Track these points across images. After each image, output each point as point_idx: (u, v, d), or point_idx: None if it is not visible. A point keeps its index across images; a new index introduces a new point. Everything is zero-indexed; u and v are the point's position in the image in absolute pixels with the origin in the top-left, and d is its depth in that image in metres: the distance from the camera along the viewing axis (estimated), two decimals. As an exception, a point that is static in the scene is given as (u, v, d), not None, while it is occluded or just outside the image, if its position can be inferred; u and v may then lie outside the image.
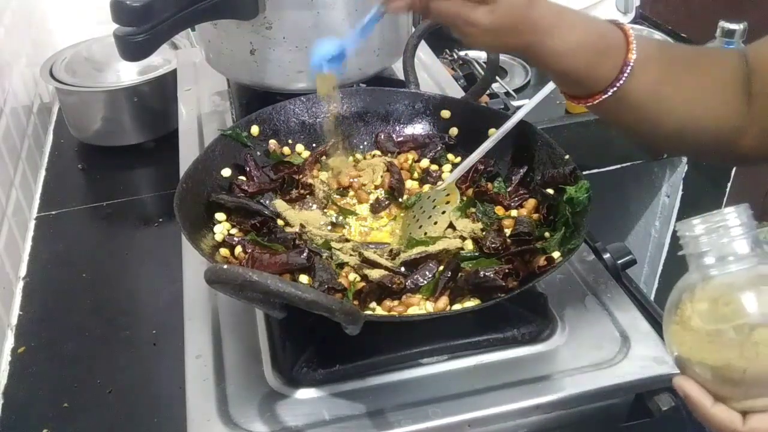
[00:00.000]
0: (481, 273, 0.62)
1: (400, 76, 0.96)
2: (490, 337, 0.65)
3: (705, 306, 0.47)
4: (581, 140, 1.34)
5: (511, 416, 0.61)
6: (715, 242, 0.47)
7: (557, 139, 0.75)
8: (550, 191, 0.73)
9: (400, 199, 0.78)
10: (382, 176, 0.80)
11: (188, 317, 0.70)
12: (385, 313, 0.62)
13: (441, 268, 0.66)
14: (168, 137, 1.27)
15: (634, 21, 1.61)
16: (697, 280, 0.48)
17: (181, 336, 0.69)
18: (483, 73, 0.90)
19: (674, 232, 1.66)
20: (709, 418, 0.48)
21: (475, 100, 0.85)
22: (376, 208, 0.78)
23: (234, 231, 0.70)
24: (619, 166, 1.40)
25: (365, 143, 0.85)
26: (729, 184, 1.44)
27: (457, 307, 0.62)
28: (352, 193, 0.79)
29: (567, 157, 0.73)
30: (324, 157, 0.82)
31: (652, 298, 1.31)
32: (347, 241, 0.70)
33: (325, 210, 0.77)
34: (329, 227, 0.75)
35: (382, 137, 0.85)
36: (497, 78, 1.37)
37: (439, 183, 0.79)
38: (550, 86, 0.77)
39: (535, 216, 0.73)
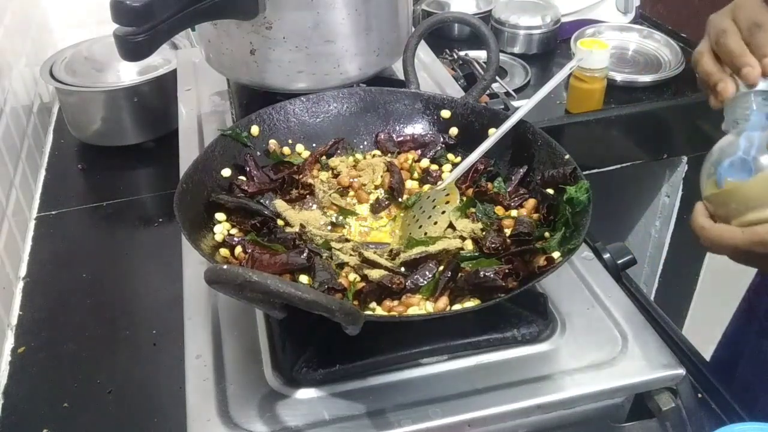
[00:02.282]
0: (481, 273, 0.62)
1: (400, 76, 0.96)
2: (490, 337, 0.65)
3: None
4: (581, 140, 1.34)
5: (511, 416, 0.61)
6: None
7: (557, 139, 0.75)
8: (550, 191, 0.73)
9: (400, 199, 0.78)
10: (382, 176, 0.80)
11: (188, 317, 0.70)
12: (385, 313, 0.62)
13: (441, 268, 0.66)
14: (168, 137, 1.27)
15: (634, 21, 1.61)
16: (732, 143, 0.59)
17: (181, 336, 0.68)
18: (483, 73, 0.89)
19: (674, 232, 1.66)
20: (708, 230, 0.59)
21: (475, 100, 0.84)
22: (376, 208, 0.78)
23: (234, 231, 0.70)
24: (619, 166, 1.40)
25: (365, 143, 0.85)
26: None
27: (457, 307, 0.62)
28: (352, 193, 0.79)
29: (567, 157, 0.73)
30: (324, 157, 0.82)
31: (652, 298, 1.32)
32: (347, 241, 0.70)
33: (325, 210, 0.77)
34: (329, 227, 0.75)
35: (382, 137, 0.85)
36: (497, 78, 1.37)
37: (439, 183, 0.79)
38: (550, 86, 0.77)
39: (535, 216, 0.73)
